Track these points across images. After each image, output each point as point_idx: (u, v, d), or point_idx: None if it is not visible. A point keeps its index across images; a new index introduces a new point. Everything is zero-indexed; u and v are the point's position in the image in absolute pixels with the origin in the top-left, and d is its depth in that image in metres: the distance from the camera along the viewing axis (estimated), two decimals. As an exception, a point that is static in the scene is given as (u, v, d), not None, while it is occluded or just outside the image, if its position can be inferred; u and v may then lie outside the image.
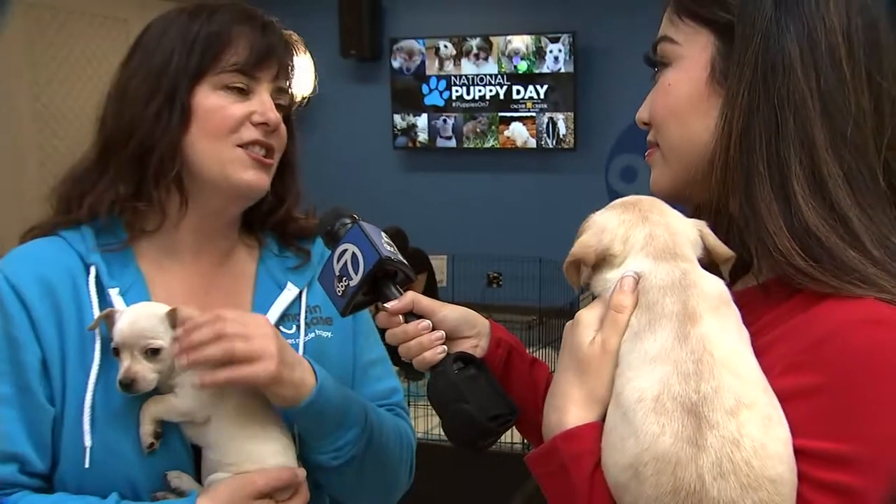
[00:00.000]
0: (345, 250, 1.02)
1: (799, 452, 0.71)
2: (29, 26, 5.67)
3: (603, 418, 0.79)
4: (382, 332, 1.07)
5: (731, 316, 0.77)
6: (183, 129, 1.11)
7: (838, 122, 0.79)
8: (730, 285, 0.82)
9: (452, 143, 7.12)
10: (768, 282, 0.81)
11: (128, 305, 1.08)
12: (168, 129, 1.10)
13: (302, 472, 1.10)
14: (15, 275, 1.08)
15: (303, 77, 1.26)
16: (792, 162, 0.79)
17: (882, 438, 0.71)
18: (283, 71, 1.18)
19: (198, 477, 1.08)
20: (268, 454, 1.07)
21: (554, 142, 6.81)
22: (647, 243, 0.81)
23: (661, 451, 0.71)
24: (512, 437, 3.84)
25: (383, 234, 1.04)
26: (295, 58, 1.21)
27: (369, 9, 7.06)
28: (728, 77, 0.84)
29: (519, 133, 6.91)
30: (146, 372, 1.03)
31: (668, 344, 0.75)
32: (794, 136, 0.79)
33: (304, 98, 1.26)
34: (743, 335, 0.76)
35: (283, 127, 1.17)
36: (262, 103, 1.14)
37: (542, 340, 5.10)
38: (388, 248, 1.02)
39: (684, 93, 0.87)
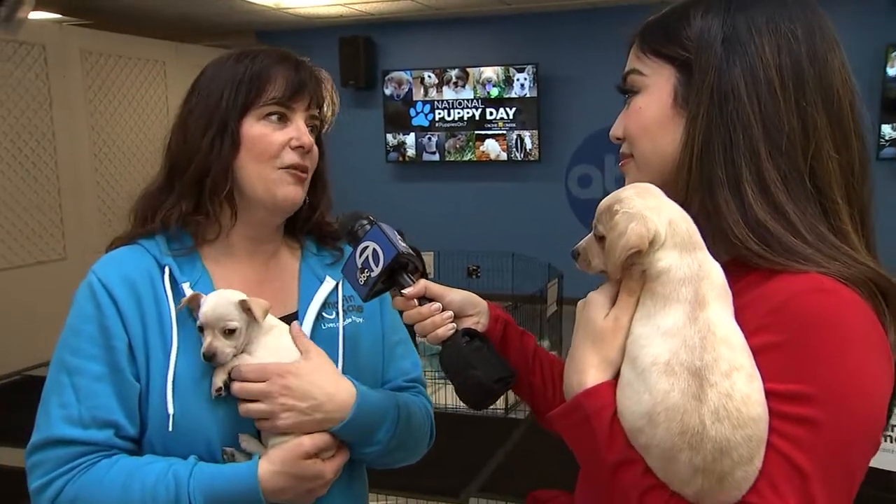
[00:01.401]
0: (366, 247, 1.04)
1: (768, 394, 0.74)
2: (87, 69, 5.86)
3: (615, 378, 0.81)
4: (400, 314, 1.09)
5: (728, 300, 0.79)
6: (233, 155, 1.12)
7: (776, 138, 0.82)
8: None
9: (436, 157, 7.27)
10: (726, 263, 0.82)
11: None
12: (221, 155, 1.11)
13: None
14: (105, 276, 1.10)
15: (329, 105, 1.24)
16: (743, 169, 0.82)
17: (830, 378, 0.73)
18: (314, 100, 1.17)
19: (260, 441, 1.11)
20: None
21: (522, 155, 7.00)
22: (672, 229, 0.80)
23: (672, 403, 0.74)
24: (495, 403, 4.22)
25: (397, 233, 1.05)
26: (326, 89, 1.20)
27: (364, 46, 7.24)
28: (689, 102, 0.86)
29: (492, 148, 7.08)
30: (224, 347, 1.06)
31: (680, 322, 0.77)
32: (744, 149, 0.82)
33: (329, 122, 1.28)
34: (732, 313, 0.79)
35: (314, 147, 1.17)
36: (298, 129, 1.14)
37: (517, 323, 5.29)
38: (402, 244, 1.04)
39: (653, 114, 0.89)
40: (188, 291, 1.11)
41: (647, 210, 0.80)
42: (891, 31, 5.76)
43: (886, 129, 5.93)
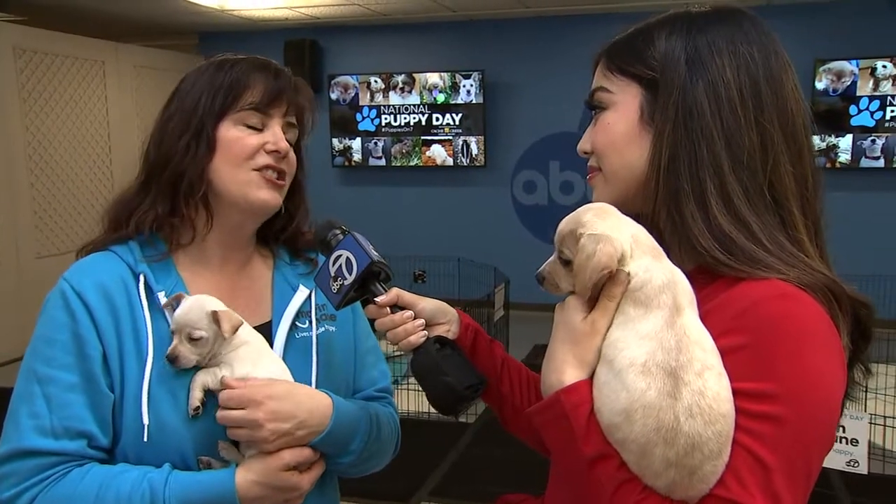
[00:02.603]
0: (339, 255, 1.05)
1: (734, 393, 0.78)
2: (20, 67, 5.66)
3: (590, 378, 0.84)
4: (372, 322, 1.10)
5: (695, 304, 0.83)
6: (208, 158, 1.12)
7: (737, 153, 0.85)
8: None
9: (382, 162, 7.26)
10: (691, 271, 0.86)
11: None
12: (195, 158, 1.11)
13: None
14: (79, 284, 1.08)
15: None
16: (707, 183, 0.85)
17: (791, 378, 0.77)
18: (292, 109, 1.17)
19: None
20: None
21: (467, 160, 7.04)
22: (637, 243, 0.84)
23: (648, 401, 0.78)
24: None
25: (369, 242, 1.07)
26: (305, 98, 1.20)
27: (310, 49, 7.19)
28: (655, 119, 0.89)
29: (438, 153, 7.10)
30: (187, 353, 1.06)
31: (658, 327, 0.80)
32: (708, 164, 0.85)
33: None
34: (698, 317, 0.83)
35: (292, 154, 1.17)
36: (274, 134, 1.14)
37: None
38: (375, 253, 1.05)
39: (621, 130, 0.92)
40: (164, 300, 1.10)
41: (610, 230, 0.84)
42: (818, 47, 6.03)
43: (815, 139, 6.20)
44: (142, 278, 1.11)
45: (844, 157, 6.20)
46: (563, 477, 0.91)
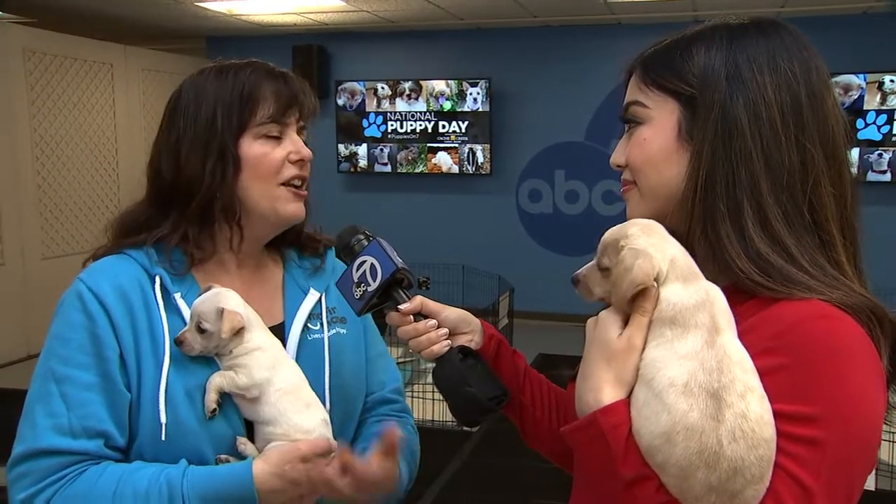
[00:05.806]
0: (364, 261, 1.04)
1: (774, 415, 0.77)
2: (30, 68, 5.67)
3: (627, 397, 0.82)
4: (383, 327, 1.08)
5: (733, 324, 0.82)
6: (235, 177, 1.12)
7: (776, 174, 0.84)
8: None
9: (388, 169, 7.26)
10: (724, 287, 0.84)
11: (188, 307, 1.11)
12: (225, 181, 1.11)
13: (335, 444, 1.10)
14: (96, 285, 1.08)
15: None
16: (744, 204, 0.84)
17: (833, 400, 0.76)
18: (304, 112, 1.18)
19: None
20: (311, 426, 1.10)
21: (473, 168, 7.04)
22: (673, 265, 0.82)
23: (691, 423, 0.76)
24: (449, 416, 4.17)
25: (394, 248, 1.07)
26: (311, 99, 1.20)
27: (318, 55, 7.20)
28: (693, 136, 0.87)
29: (444, 161, 7.10)
30: (193, 341, 1.06)
31: (698, 347, 0.79)
32: (746, 184, 0.84)
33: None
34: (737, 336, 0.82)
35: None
36: (294, 143, 1.15)
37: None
38: (400, 259, 1.04)
39: (657, 146, 0.90)
40: (180, 302, 1.11)
41: (651, 247, 0.83)
42: (826, 60, 5.98)
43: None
44: (157, 280, 1.11)
45: (851, 170, 6.18)
46: (595, 494, 0.88)
